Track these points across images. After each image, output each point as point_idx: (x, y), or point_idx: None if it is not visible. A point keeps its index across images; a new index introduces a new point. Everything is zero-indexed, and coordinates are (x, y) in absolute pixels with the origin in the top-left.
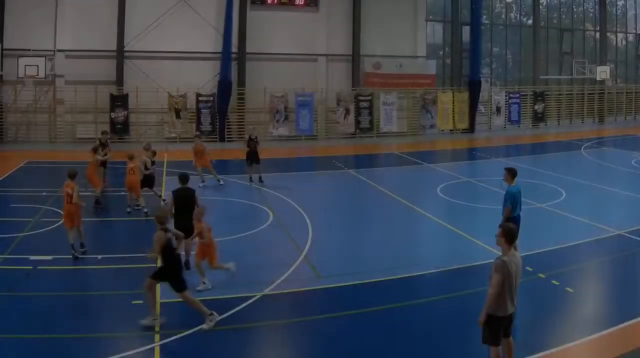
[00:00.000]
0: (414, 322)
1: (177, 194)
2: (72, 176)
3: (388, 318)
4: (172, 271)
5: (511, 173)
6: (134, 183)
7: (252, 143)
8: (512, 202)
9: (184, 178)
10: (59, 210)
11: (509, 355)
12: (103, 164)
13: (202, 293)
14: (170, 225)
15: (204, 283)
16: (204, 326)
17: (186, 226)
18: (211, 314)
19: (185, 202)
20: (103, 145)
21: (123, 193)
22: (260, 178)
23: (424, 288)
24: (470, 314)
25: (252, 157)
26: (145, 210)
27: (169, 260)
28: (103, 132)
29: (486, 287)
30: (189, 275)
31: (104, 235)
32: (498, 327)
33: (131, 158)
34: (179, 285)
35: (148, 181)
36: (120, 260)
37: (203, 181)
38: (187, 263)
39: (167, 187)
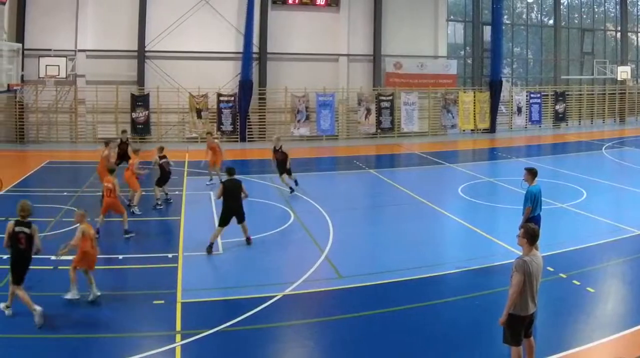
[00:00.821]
0: (435, 322)
1: (226, 184)
2: (111, 171)
3: (409, 318)
4: (15, 263)
5: (532, 173)
6: (126, 178)
7: (278, 154)
8: (533, 201)
9: (231, 170)
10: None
11: (530, 356)
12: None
13: (222, 292)
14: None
15: (73, 292)
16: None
17: (237, 211)
18: (35, 310)
19: (233, 190)
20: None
21: (144, 192)
22: (295, 181)
23: (445, 288)
24: (491, 314)
25: (280, 167)
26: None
27: (13, 252)
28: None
29: (507, 286)
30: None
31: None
32: (519, 326)
33: (135, 151)
34: (16, 278)
35: (164, 178)
36: (142, 260)
37: (211, 179)
38: (247, 239)
39: (187, 187)
